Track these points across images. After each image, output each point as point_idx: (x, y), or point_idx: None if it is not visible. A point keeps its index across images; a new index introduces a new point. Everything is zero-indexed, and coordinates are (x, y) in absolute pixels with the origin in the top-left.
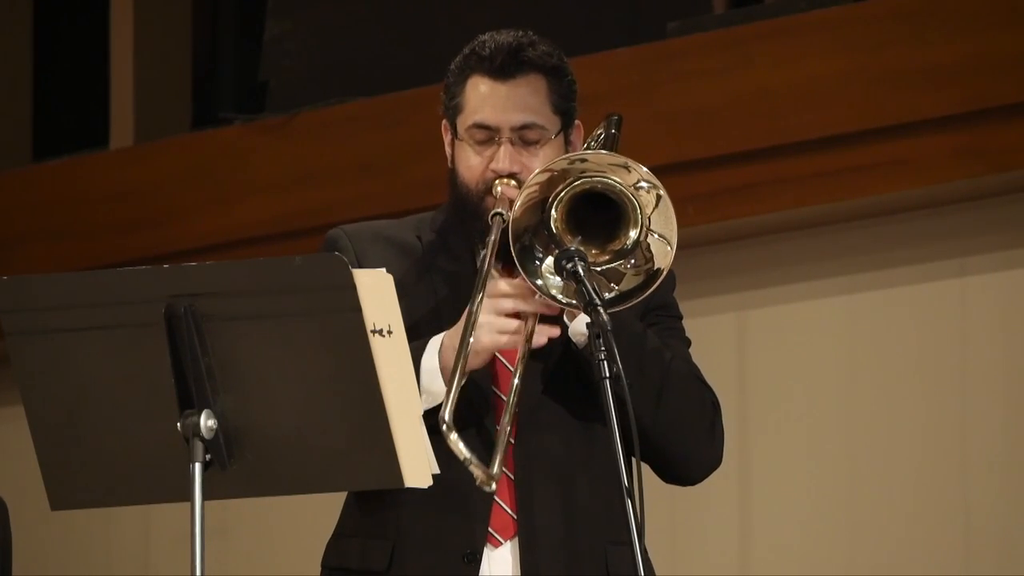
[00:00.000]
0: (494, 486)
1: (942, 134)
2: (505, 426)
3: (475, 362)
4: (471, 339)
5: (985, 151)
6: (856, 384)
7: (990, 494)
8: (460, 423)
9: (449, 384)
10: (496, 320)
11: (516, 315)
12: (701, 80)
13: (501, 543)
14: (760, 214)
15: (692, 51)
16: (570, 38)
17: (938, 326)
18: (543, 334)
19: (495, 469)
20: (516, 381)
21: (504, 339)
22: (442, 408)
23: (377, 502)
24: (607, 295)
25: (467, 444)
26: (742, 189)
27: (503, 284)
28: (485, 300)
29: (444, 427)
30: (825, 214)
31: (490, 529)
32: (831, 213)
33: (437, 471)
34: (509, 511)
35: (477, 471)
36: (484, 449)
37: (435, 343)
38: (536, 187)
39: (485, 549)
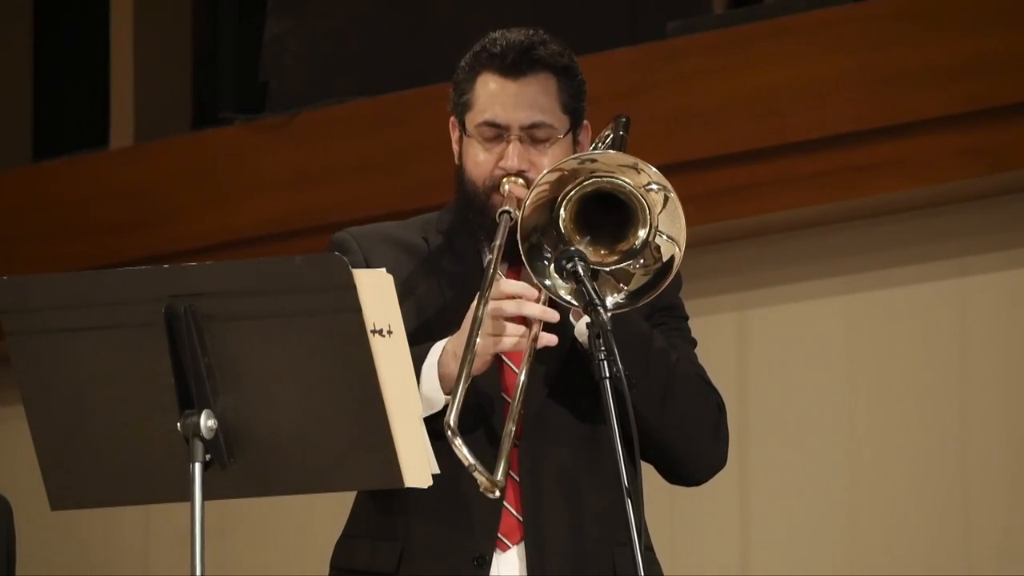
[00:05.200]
0: (498, 493)
1: (942, 134)
2: (509, 431)
3: (477, 365)
4: (473, 348)
5: (985, 151)
6: (856, 384)
7: (990, 494)
8: (466, 426)
9: (455, 388)
10: (499, 323)
11: (519, 319)
12: (701, 80)
13: (509, 547)
14: (760, 214)
15: (692, 51)
16: (570, 38)
17: (938, 326)
18: (543, 341)
19: (499, 476)
20: (522, 379)
21: (507, 342)
22: (447, 412)
23: (387, 504)
24: (617, 295)
25: (474, 446)
26: (742, 189)
27: (506, 286)
28: (488, 303)
29: (448, 432)
30: (825, 214)
31: (499, 534)
32: (831, 213)
33: (437, 471)
34: (517, 515)
35: (481, 478)
36: (491, 450)
37: (436, 350)
38: (546, 186)
39: (494, 553)
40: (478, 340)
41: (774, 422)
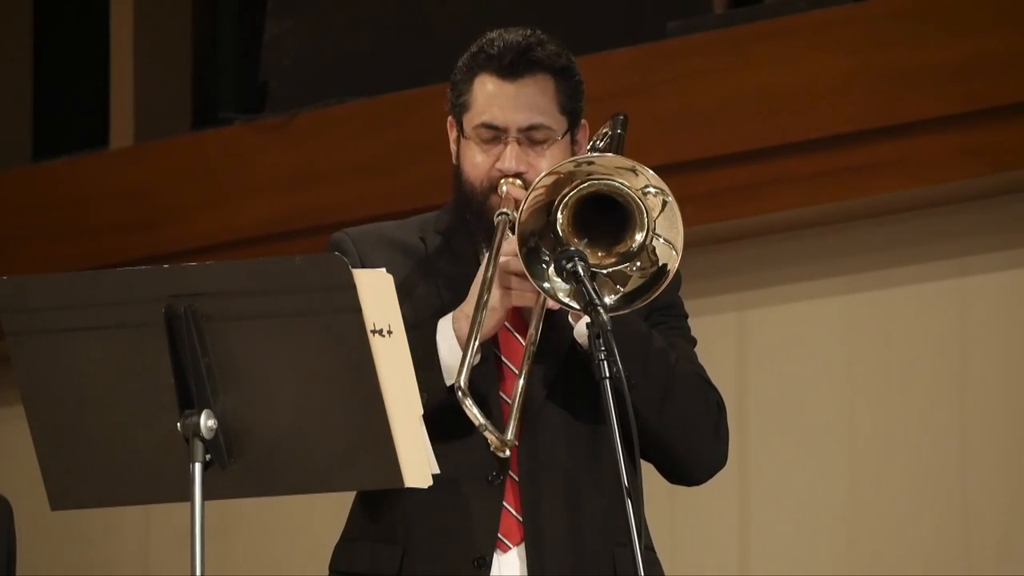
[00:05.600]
0: (508, 452)
1: (942, 134)
2: (517, 395)
3: (490, 322)
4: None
5: (985, 151)
6: (856, 384)
7: (990, 494)
8: (467, 427)
9: (465, 349)
10: (508, 278)
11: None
12: (701, 80)
13: (510, 548)
14: (760, 214)
15: (692, 51)
16: (570, 38)
17: (938, 326)
18: (549, 304)
19: (509, 436)
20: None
21: (518, 296)
22: (457, 375)
23: (386, 507)
24: (613, 297)
25: (474, 448)
26: (742, 189)
27: (511, 244)
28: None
29: (459, 393)
30: (825, 214)
31: (499, 535)
32: (831, 213)
33: (437, 471)
34: (517, 516)
35: (492, 437)
36: (489, 452)
37: (446, 321)
38: (542, 190)
39: (495, 554)
40: (492, 295)
41: (774, 422)
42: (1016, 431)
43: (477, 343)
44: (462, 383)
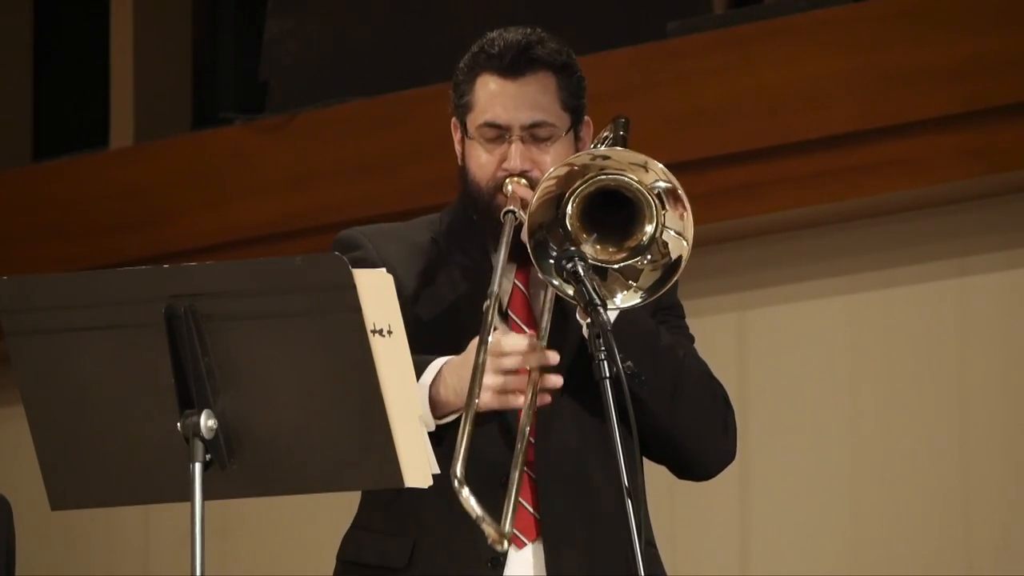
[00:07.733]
0: (507, 545)
1: (942, 134)
2: (514, 481)
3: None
4: (476, 401)
5: (985, 151)
6: (856, 384)
7: (990, 494)
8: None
9: (459, 439)
10: (499, 380)
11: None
12: (701, 80)
13: (525, 543)
14: (760, 214)
15: (692, 51)
16: (570, 38)
17: (938, 326)
18: (547, 383)
19: (507, 527)
20: (523, 419)
21: (512, 400)
22: (452, 463)
23: (398, 499)
24: (626, 292)
25: (485, 445)
26: (742, 189)
27: (506, 342)
28: (488, 359)
29: (455, 483)
30: (825, 214)
31: (515, 531)
32: (831, 213)
33: (437, 471)
34: (533, 512)
35: (489, 529)
36: (501, 450)
37: (432, 371)
38: (554, 181)
39: (509, 551)
40: (483, 397)
41: (774, 423)
42: (1016, 431)
43: (468, 439)
44: (458, 473)
